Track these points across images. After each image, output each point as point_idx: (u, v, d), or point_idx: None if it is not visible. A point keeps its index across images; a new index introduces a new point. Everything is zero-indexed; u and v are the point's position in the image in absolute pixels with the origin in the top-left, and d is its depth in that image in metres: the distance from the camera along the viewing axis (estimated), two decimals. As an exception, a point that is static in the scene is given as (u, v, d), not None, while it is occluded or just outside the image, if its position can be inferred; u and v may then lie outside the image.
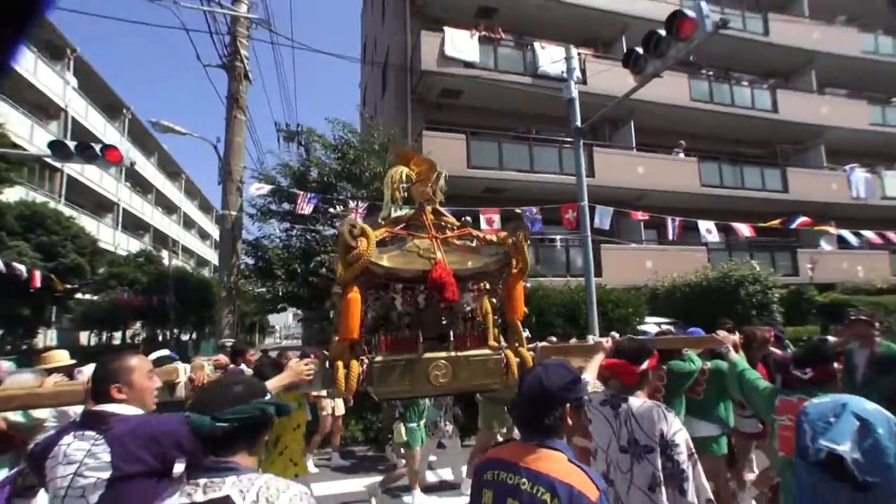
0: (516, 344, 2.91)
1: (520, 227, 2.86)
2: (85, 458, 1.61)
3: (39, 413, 3.16)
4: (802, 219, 10.79)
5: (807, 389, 2.35)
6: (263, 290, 7.65)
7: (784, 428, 2.39)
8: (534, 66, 13.58)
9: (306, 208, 7.64)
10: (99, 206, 22.13)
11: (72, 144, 8.47)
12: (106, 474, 1.58)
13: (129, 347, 15.42)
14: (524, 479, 1.43)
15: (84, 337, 18.54)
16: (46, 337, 17.12)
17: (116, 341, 18.66)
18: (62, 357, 4.18)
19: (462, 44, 12.74)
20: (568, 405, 1.55)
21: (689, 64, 16.16)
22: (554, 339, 7.05)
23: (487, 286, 3.11)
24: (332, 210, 8.16)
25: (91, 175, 21.10)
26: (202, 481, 1.22)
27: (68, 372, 4.02)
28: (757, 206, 15.96)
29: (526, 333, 3.02)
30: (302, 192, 7.74)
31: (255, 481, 1.22)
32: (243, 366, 4.67)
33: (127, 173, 24.94)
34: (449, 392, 3.26)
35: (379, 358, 2.63)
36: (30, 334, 13.74)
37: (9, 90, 17.57)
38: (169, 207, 33.66)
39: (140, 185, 27.44)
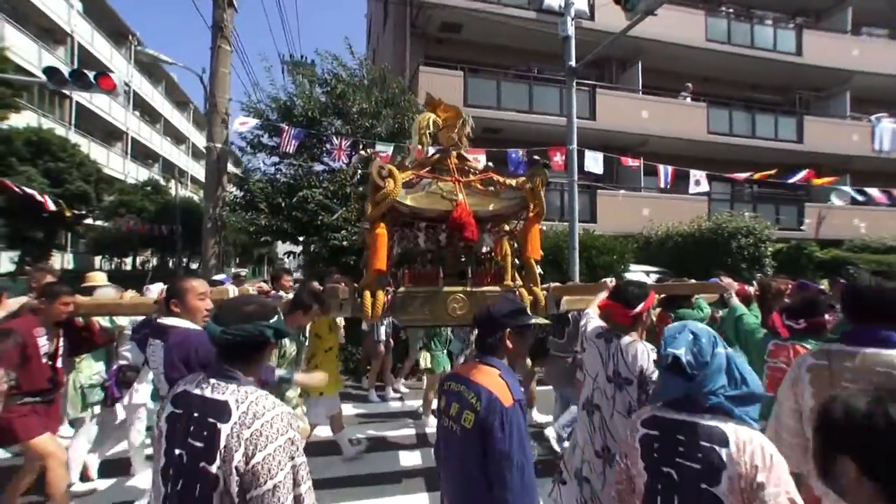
0: (530, 283, 3.19)
1: (537, 173, 3.07)
2: (159, 360, 2.13)
3: (121, 320, 3.88)
4: (804, 172, 10.43)
5: (800, 337, 2.61)
6: (245, 222, 7.82)
7: (775, 370, 2.65)
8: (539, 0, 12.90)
9: (290, 146, 7.68)
10: (109, 134, 22.35)
11: (66, 70, 8.55)
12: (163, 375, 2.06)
13: (139, 274, 16.12)
14: (464, 387, 1.74)
15: (97, 262, 19.40)
16: (63, 260, 17.97)
17: (127, 267, 19.45)
18: (101, 278, 4.69)
19: (463, -27, 12.09)
20: (508, 330, 1.80)
21: (709, 0, 15.16)
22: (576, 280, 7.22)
23: (507, 228, 3.41)
24: (320, 146, 8.20)
25: (100, 103, 21.19)
26: (212, 381, 1.43)
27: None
28: (768, 156, 15.34)
29: (539, 272, 3.25)
30: (286, 127, 7.75)
31: (249, 394, 1.39)
32: (281, 292, 4.95)
33: (135, 102, 24.92)
34: (465, 323, 3.59)
35: (402, 289, 2.95)
36: (44, 257, 14.42)
37: (15, 13, 17.40)
38: (178, 137, 33.52)
39: (149, 114, 27.40)
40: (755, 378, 1.49)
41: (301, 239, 8.74)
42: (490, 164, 3.59)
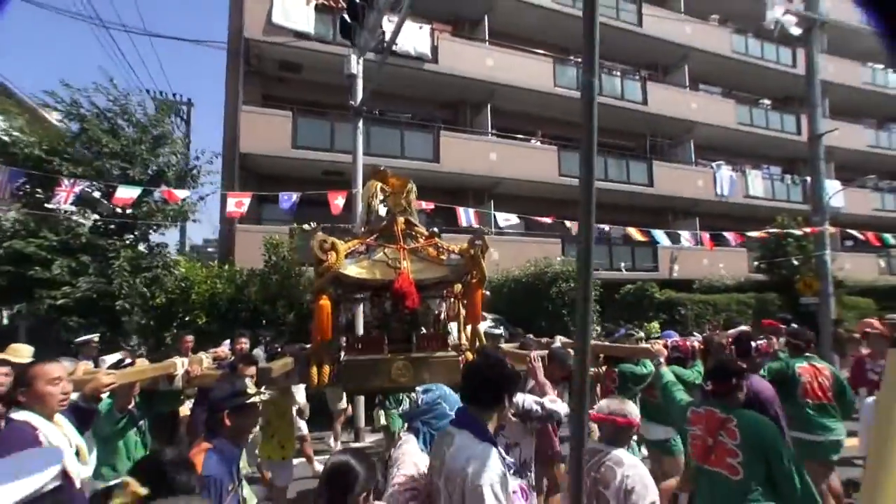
0: (476, 346, 3.27)
1: (478, 240, 3.09)
2: None
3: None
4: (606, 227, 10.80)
5: (711, 402, 2.61)
6: None
7: (694, 437, 2.64)
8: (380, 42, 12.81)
9: (3, 190, 6.79)
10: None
11: None
12: None
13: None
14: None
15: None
16: None
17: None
18: (26, 353, 4.25)
19: (293, 10, 11.80)
20: (226, 410, 2.08)
21: (559, 49, 15.78)
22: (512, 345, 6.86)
23: (455, 291, 3.46)
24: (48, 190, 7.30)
25: None
26: None
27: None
28: (621, 199, 15.87)
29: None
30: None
31: None
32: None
33: None
34: (409, 389, 3.57)
35: (348, 357, 3.03)
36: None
37: None
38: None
39: None
40: (446, 423, 1.95)
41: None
42: (435, 229, 3.60)
